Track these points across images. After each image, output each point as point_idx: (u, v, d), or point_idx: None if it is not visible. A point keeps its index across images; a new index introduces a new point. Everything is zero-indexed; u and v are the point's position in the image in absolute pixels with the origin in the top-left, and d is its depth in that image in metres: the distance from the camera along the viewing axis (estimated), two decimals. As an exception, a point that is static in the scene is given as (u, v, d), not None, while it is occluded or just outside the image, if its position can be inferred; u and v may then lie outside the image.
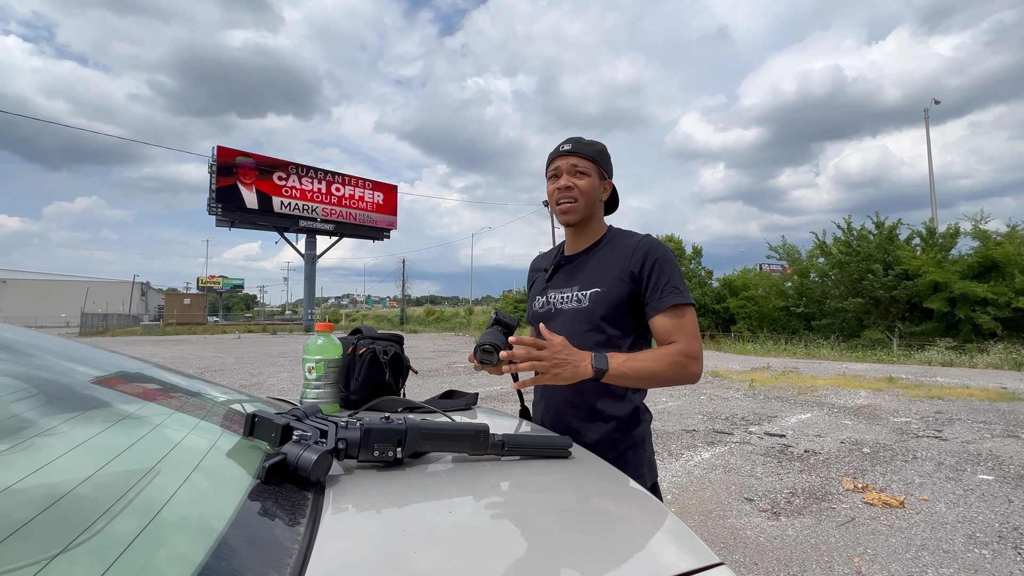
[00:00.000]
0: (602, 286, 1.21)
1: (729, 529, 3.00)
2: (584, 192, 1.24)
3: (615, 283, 1.20)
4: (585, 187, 1.24)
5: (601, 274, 1.23)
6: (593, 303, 1.21)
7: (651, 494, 0.76)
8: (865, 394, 7.83)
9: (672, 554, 0.59)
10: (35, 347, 0.89)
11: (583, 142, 1.27)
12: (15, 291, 48.28)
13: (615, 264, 1.22)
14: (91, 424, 0.67)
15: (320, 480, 0.65)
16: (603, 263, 1.24)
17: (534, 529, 0.61)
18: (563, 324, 1.26)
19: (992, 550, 2.70)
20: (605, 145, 1.31)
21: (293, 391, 7.87)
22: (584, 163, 1.25)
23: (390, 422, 0.76)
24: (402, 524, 0.60)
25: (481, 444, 0.81)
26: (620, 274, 1.20)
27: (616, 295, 1.19)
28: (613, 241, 1.28)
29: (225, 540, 0.48)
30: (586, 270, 1.26)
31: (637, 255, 1.19)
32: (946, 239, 16.42)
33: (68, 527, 0.43)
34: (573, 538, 0.59)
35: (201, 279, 65.28)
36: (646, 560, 0.57)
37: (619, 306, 1.19)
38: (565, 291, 1.28)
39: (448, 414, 1.09)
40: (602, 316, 1.20)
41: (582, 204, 1.25)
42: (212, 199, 31.07)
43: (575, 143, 1.27)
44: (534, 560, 0.53)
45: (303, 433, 0.68)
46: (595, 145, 1.28)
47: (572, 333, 1.22)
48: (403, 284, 51.92)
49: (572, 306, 1.25)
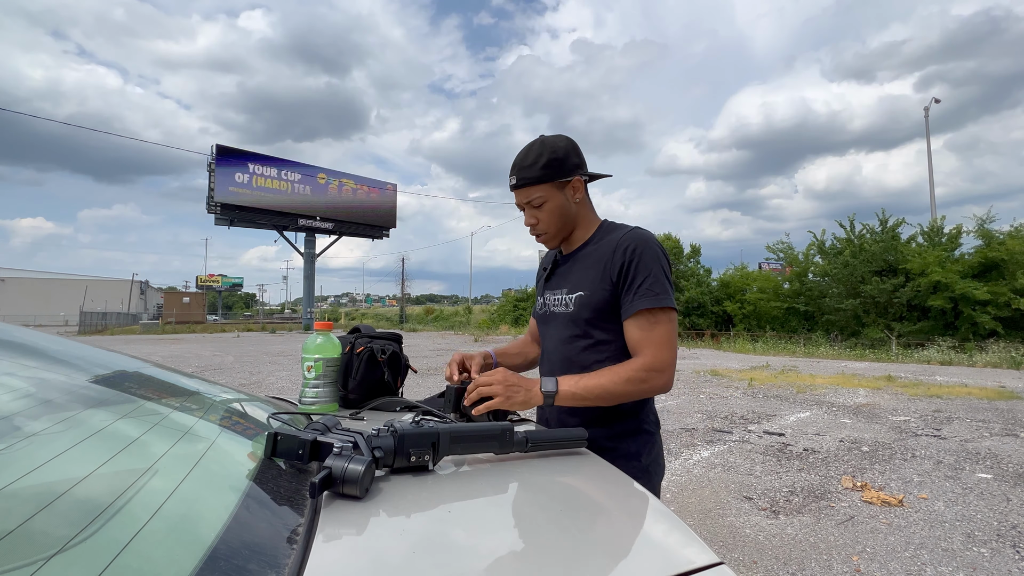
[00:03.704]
0: (585, 289, 1.18)
1: (728, 528, 3.00)
2: (549, 222, 1.20)
3: (597, 286, 1.16)
4: (547, 217, 1.19)
5: (585, 277, 1.19)
6: (578, 307, 1.19)
7: (651, 494, 0.76)
8: (864, 393, 7.84)
9: (672, 553, 0.58)
10: (34, 346, 0.88)
11: (526, 164, 1.16)
12: (14, 290, 48.20)
13: (598, 264, 1.17)
14: (86, 425, 0.67)
15: (367, 491, 0.65)
16: (588, 264, 1.20)
17: (533, 529, 0.61)
18: (555, 328, 1.25)
19: (991, 548, 2.71)
20: (558, 140, 1.18)
21: (292, 390, 7.86)
22: (536, 191, 1.16)
23: (421, 427, 0.75)
24: (401, 524, 0.59)
25: (507, 442, 0.82)
26: (602, 276, 1.15)
27: (599, 298, 1.16)
28: (602, 239, 1.22)
29: (222, 541, 0.48)
30: (575, 271, 1.23)
31: (618, 253, 1.14)
32: (949, 238, 16.45)
33: (65, 528, 0.43)
34: (572, 538, 0.59)
35: (200, 278, 65.18)
36: (646, 560, 0.56)
37: (603, 309, 1.16)
38: (557, 293, 1.26)
39: (448, 415, 1.09)
40: (587, 320, 1.18)
41: (553, 230, 1.22)
42: (211, 197, 31.03)
43: (519, 172, 1.17)
44: (533, 560, 0.53)
45: (343, 445, 0.67)
46: (540, 159, 1.15)
47: (562, 338, 1.22)
48: (402, 283, 51.92)
49: (562, 310, 1.23)
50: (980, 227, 16.14)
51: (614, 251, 1.15)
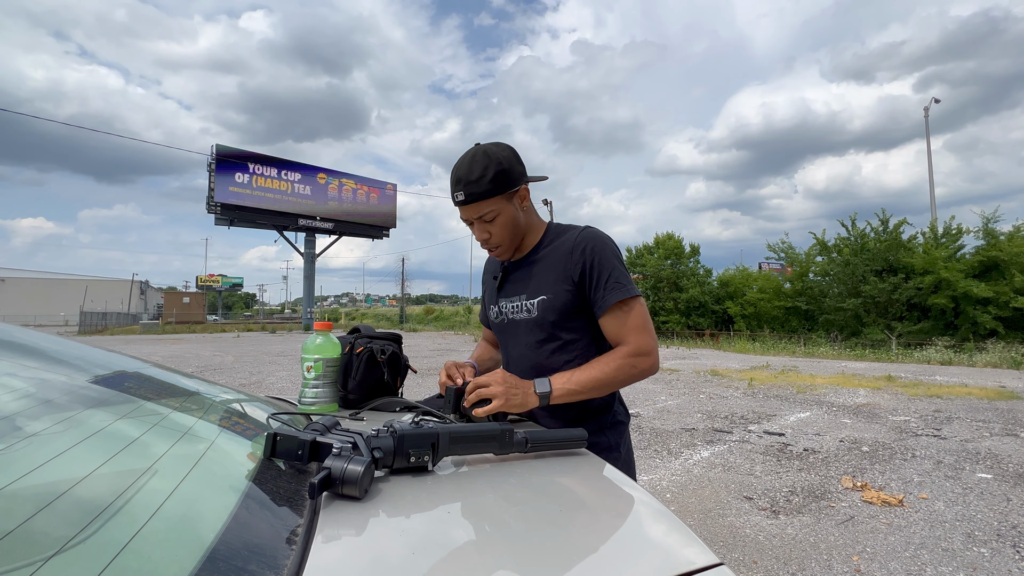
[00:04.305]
0: (547, 293, 1.19)
1: (728, 528, 3.00)
2: (502, 235, 1.19)
3: (559, 289, 1.17)
4: (500, 231, 1.18)
5: (545, 280, 1.20)
6: (542, 311, 1.19)
7: (651, 494, 0.76)
8: (864, 393, 7.84)
9: (672, 554, 0.58)
10: (34, 347, 0.88)
11: (472, 179, 1.11)
12: (14, 290, 48.20)
13: (556, 267, 1.18)
14: (86, 425, 0.66)
15: (366, 491, 0.65)
16: (545, 268, 1.21)
17: (533, 530, 0.61)
18: (518, 335, 1.26)
19: (991, 548, 2.71)
20: (500, 149, 1.14)
21: (292, 390, 7.86)
22: (486, 206, 1.14)
23: (421, 427, 0.75)
24: (401, 525, 0.59)
25: (507, 443, 0.82)
26: (563, 278, 1.17)
27: (563, 300, 1.17)
28: (554, 242, 1.23)
29: (222, 542, 0.48)
30: (531, 276, 1.23)
31: (575, 255, 1.16)
32: (951, 238, 16.47)
33: (65, 528, 0.43)
34: (572, 539, 0.59)
35: (200, 278, 65.16)
36: (646, 560, 0.56)
37: (567, 311, 1.18)
38: (514, 300, 1.26)
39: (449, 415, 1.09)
40: (552, 323, 1.19)
41: (506, 244, 1.22)
42: (211, 197, 31.05)
43: (465, 187, 1.12)
44: (533, 561, 0.53)
45: (343, 445, 0.67)
46: (487, 172, 1.11)
47: (528, 344, 1.23)
48: (402, 283, 51.92)
49: (523, 316, 1.24)
50: (986, 225, 16.16)
51: (571, 252, 1.17)
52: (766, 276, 22.45)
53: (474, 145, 1.18)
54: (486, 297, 1.41)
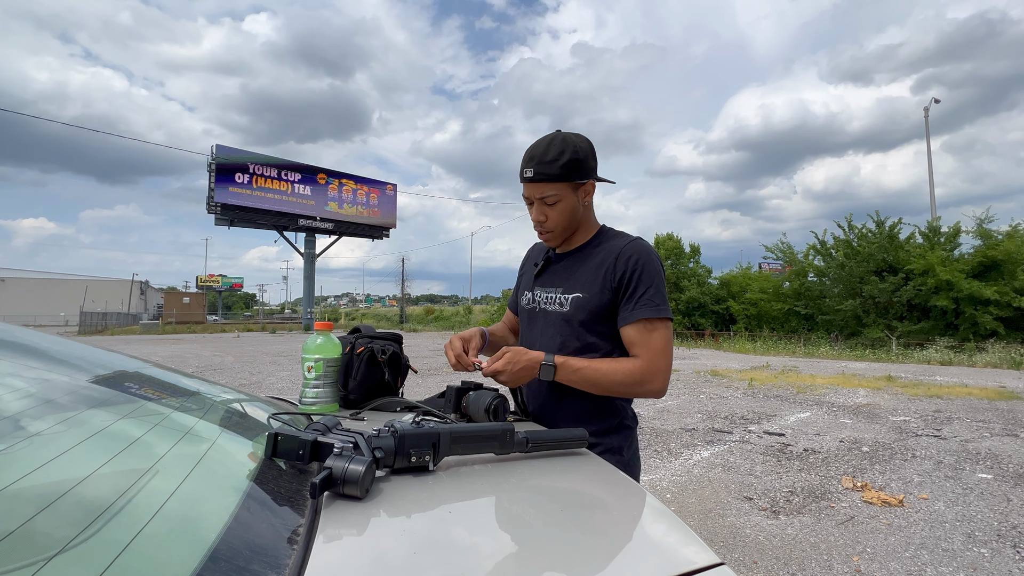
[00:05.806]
0: (584, 291, 1.19)
1: (728, 528, 3.00)
2: (558, 221, 1.20)
3: (596, 290, 1.18)
4: (557, 216, 1.19)
5: (584, 279, 1.20)
6: (574, 308, 1.20)
7: (651, 494, 0.76)
8: (864, 393, 7.84)
9: (672, 554, 0.59)
10: (34, 347, 0.89)
11: (546, 159, 1.13)
12: (14, 290, 48.19)
13: (599, 269, 1.19)
14: (87, 425, 0.67)
15: (367, 491, 0.65)
16: (588, 267, 1.21)
17: (534, 529, 0.61)
18: (545, 326, 1.26)
19: (991, 549, 2.71)
20: (580, 140, 1.17)
21: (292, 390, 7.86)
22: (551, 188, 1.15)
23: (422, 427, 0.75)
24: (402, 525, 0.59)
25: (508, 443, 0.82)
26: (603, 281, 1.17)
27: (597, 302, 1.17)
28: (602, 244, 1.23)
29: (223, 542, 0.48)
30: (571, 272, 1.24)
31: (620, 262, 1.16)
32: (948, 238, 16.46)
33: (66, 528, 0.43)
34: (573, 538, 0.59)
35: (200, 278, 65.14)
36: (646, 560, 0.56)
37: (599, 313, 1.18)
38: (550, 291, 1.27)
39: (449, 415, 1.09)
40: (581, 322, 1.19)
41: (559, 231, 1.22)
42: (211, 197, 31.04)
43: (536, 166, 1.14)
44: (534, 561, 0.53)
45: (344, 445, 0.67)
46: (561, 157, 1.13)
47: (552, 336, 1.24)
48: (402, 283, 51.90)
49: (555, 309, 1.24)
50: (979, 227, 16.16)
51: (616, 259, 1.17)
52: (766, 276, 22.45)
53: (555, 131, 1.20)
54: (522, 282, 1.41)
